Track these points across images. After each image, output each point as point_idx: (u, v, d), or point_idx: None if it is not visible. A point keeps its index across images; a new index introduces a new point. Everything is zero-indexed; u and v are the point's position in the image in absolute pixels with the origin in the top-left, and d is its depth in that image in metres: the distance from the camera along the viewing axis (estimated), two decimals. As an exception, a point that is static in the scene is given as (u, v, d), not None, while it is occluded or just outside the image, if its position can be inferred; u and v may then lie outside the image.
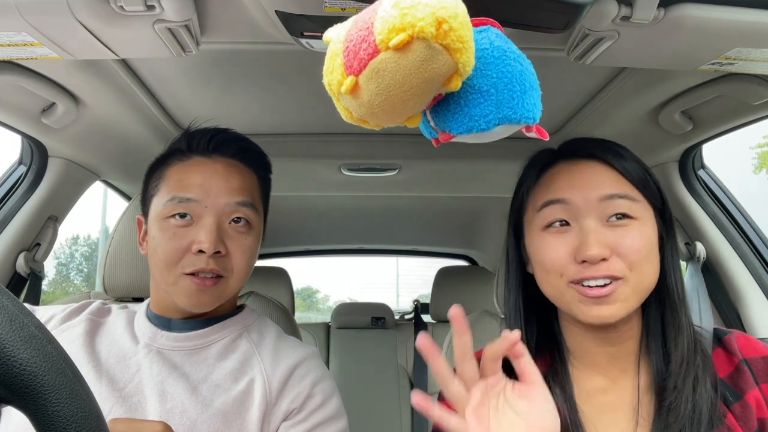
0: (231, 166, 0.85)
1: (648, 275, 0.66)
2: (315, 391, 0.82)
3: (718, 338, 0.71)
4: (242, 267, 0.83)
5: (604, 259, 0.64)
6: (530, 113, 0.56)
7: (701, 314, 0.91)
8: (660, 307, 0.70)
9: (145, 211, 0.88)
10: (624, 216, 0.66)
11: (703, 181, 1.31)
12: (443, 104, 0.58)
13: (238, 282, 0.84)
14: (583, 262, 0.64)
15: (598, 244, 0.63)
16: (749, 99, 0.95)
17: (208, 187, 0.81)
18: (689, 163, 1.28)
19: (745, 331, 1.21)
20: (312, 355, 0.87)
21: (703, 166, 1.31)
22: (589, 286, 0.64)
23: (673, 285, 0.69)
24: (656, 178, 0.72)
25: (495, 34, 0.58)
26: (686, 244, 1.31)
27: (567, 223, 0.68)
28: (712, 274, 1.27)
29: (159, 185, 0.84)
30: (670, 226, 0.71)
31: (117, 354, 0.80)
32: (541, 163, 0.75)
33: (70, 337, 0.82)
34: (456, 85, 0.52)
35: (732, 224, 1.27)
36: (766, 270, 1.23)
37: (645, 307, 0.71)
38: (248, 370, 0.81)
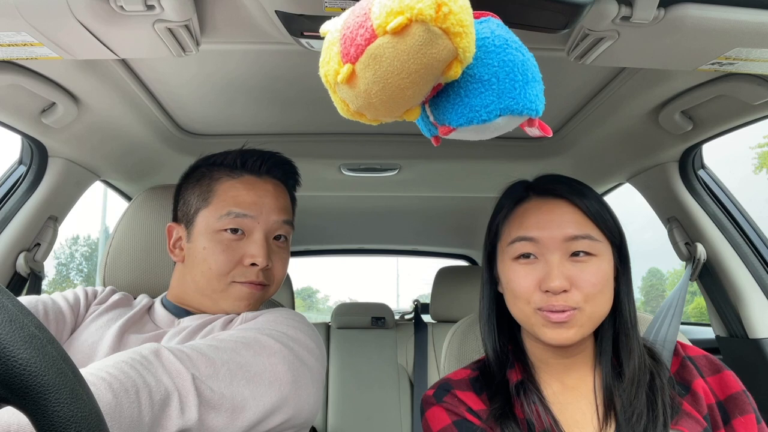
0: (278, 187, 0.94)
1: (601, 305, 0.76)
2: (269, 314, 0.84)
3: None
4: (280, 277, 0.93)
5: (564, 291, 0.73)
6: (533, 104, 0.55)
7: (670, 324, 0.94)
8: (613, 332, 0.79)
9: (185, 221, 0.91)
10: (584, 253, 0.75)
11: (703, 181, 1.31)
12: (443, 95, 0.57)
13: (274, 290, 0.93)
14: (547, 291, 0.74)
15: (560, 277, 0.73)
16: (749, 99, 0.95)
17: (262, 204, 0.89)
18: (689, 163, 1.28)
19: (745, 331, 1.22)
20: (290, 310, 0.92)
21: (703, 166, 1.31)
22: (551, 312, 0.74)
23: (626, 314, 0.79)
24: (615, 216, 0.80)
25: (496, 24, 0.57)
26: (686, 244, 1.31)
27: (534, 255, 0.77)
28: (712, 274, 1.27)
29: (209, 198, 0.89)
30: (626, 261, 0.80)
31: (133, 329, 0.86)
32: (516, 196, 0.83)
33: (103, 320, 0.87)
34: (456, 72, 0.51)
35: (732, 224, 1.27)
36: (766, 270, 1.23)
37: (598, 328, 0.80)
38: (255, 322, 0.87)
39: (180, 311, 0.90)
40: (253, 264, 0.85)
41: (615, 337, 0.79)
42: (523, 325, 0.80)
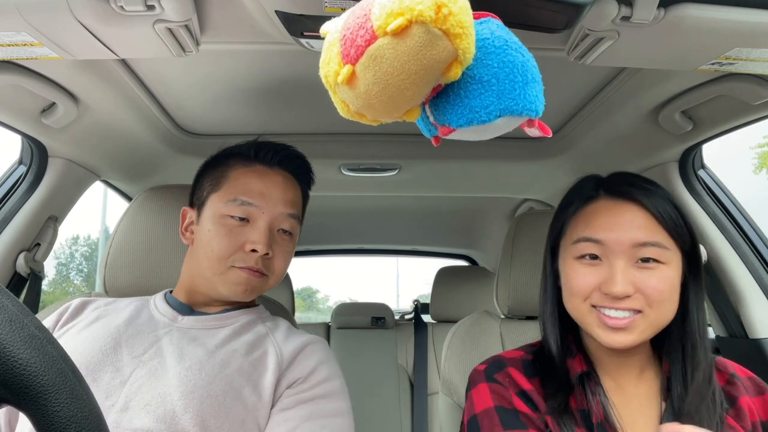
0: (288, 180, 0.95)
1: (666, 312, 0.73)
2: (321, 367, 0.86)
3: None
4: (281, 269, 0.93)
5: (627, 296, 0.71)
6: (533, 105, 0.55)
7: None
8: (681, 342, 0.77)
9: (198, 204, 0.94)
10: (652, 260, 0.72)
11: (703, 181, 1.31)
12: (443, 96, 0.57)
13: (274, 282, 0.92)
14: (607, 294, 0.72)
15: (624, 282, 0.70)
16: (749, 99, 0.95)
17: (269, 195, 0.90)
18: (689, 163, 1.27)
19: (745, 331, 1.22)
20: (320, 341, 0.93)
21: (703, 166, 1.31)
22: (608, 315, 0.72)
23: (695, 324, 0.76)
24: (688, 221, 0.76)
25: (496, 24, 0.57)
26: (686, 244, 1.31)
27: (598, 257, 0.75)
28: (711, 274, 1.27)
29: (221, 184, 0.92)
30: (697, 269, 0.77)
31: (135, 328, 0.85)
32: (586, 194, 0.80)
33: (84, 323, 0.87)
34: (456, 73, 0.51)
35: (732, 224, 1.27)
36: (766, 270, 1.23)
37: (668, 339, 0.78)
38: (262, 345, 0.87)
39: (184, 308, 0.90)
40: (254, 251, 0.86)
41: (683, 349, 0.77)
42: (578, 322, 0.78)
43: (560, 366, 0.79)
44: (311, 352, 0.88)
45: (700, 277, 0.77)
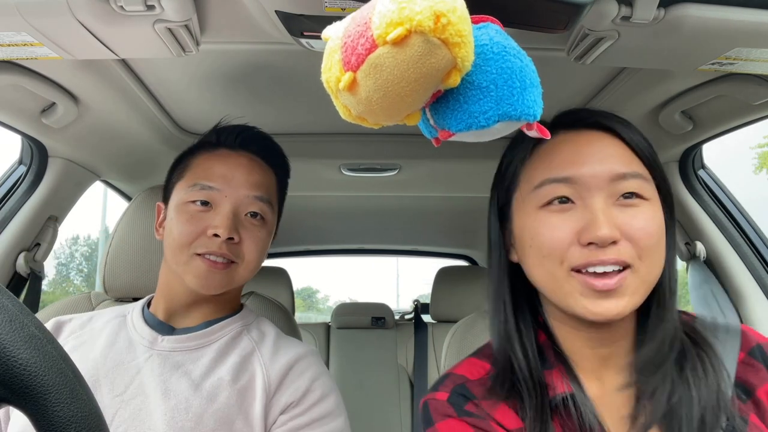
0: (254, 162, 0.90)
1: (656, 265, 0.59)
2: (314, 386, 0.82)
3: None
4: (253, 256, 0.86)
5: (613, 242, 0.56)
6: (531, 110, 0.55)
7: (723, 312, 0.92)
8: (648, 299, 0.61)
9: (166, 197, 0.92)
10: (635, 195, 0.59)
11: (703, 181, 1.31)
12: (442, 101, 0.58)
13: (247, 271, 0.87)
14: (590, 244, 0.56)
15: (608, 225, 0.56)
16: (749, 99, 0.95)
17: (231, 177, 0.85)
18: (689, 163, 1.28)
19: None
20: (311, 353, 0.88)
21: (703, 166, 1.31)
22: (595, 273, 0.57)
23: (667, 278, 0.62)
24: (659, 158, 0.65)
25: (495, 30, 0.57)
26: (686, 243, 1.31)
27: (569, 200, 0.60)
28: (711, 274, 1.27)
29: (184, 173, 0.89)
30: (672, 214, 0.64)
31: (114, 359, 0.80)
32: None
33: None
34: (455, 80, 0.52)
35: (732, 224, 1.27)
36: (766, 270, 1.23)
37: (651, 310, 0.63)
38: (249, 366, 0.82)
39: (163, 327, 0.86)
40: (216, 235, 0.81)
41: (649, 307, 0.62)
42: (551, 296, 0.61)
43: (535, 379, 0.61)
44: (302, 370, 0.83)
45: (674, 223, 0.65)
